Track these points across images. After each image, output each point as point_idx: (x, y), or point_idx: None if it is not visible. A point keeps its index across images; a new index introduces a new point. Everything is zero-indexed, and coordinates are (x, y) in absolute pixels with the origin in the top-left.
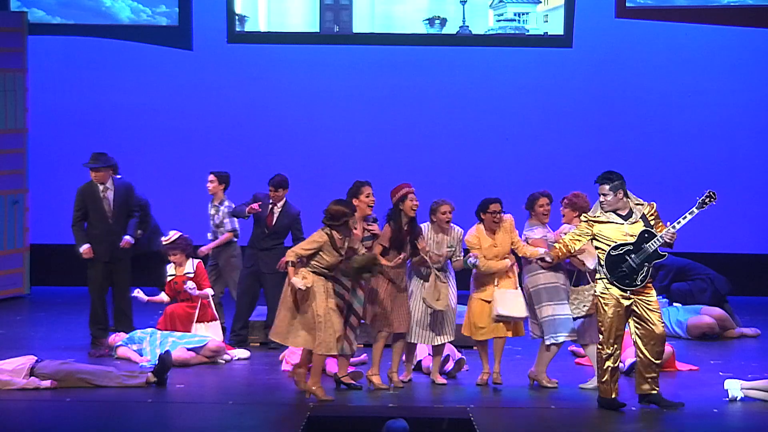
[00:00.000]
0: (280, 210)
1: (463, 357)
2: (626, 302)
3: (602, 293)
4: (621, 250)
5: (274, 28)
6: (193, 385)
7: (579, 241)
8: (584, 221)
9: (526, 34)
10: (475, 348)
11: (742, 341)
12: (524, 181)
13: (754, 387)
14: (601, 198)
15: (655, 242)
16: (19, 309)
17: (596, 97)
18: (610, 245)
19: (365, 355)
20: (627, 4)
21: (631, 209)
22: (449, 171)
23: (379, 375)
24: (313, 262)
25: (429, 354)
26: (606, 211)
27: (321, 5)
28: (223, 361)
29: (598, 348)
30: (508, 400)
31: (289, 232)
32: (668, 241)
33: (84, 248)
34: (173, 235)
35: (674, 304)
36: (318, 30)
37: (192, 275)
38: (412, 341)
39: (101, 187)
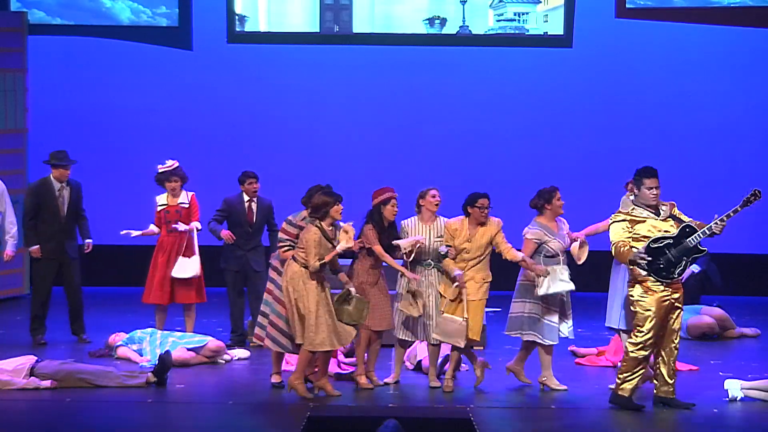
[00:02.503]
0: (256, 205)
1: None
2: (665, 299)
3: (641, 297)
4: (661, 243)
5: (274, 28)
6: (193, 385)
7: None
8: (621, 219)
9: (526, 34)
10: (475, 348)
11: (742, 341)
12: (524, 181)
13: (754, 387)
14: (655, 190)
15: (697, 237)
16: (19, 309)
17: (596, 97)
18: (644, 240)
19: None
20: (627, 4)
21: (659, 207)
22: (449, 171)
23: (364, 375)
24: (301, 257)
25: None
26: (650, 205)
27: (321, 5)
28: (223, 361)
29: (628, 342)
30: (508, 400)
31: (264, 227)
32: (717, 232)
33: (34, 249)
34: (173, 163)
35: None
36: (318, 30)
37: (186, 206)
38: (401, 338)
39: (58, 186)
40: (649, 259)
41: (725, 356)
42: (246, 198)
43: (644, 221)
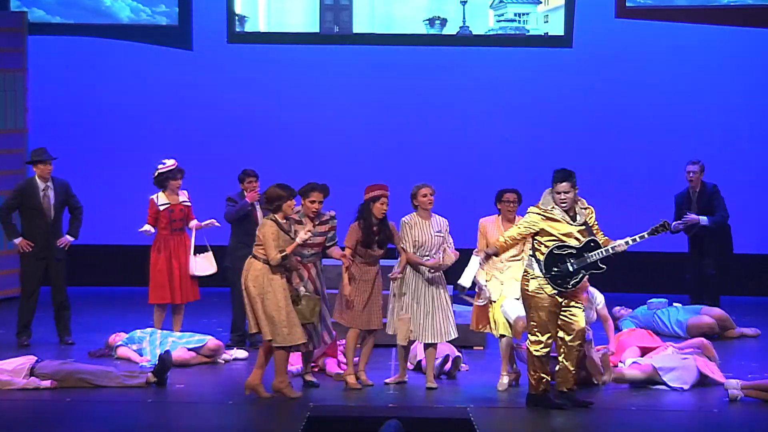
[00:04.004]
0: (259, 204)
1: (460, 355)
2: (559, 299)
3: (536, 292)
4: (563, 251)
5: (274, 28)
6: (193, 385)
7: (523, 234)
8: (536, 213)
9: (527, 34)
10: (475, 348)
11: (742, 341)
12: (524, 181)
13: (754, 387)
14: (563, 195)
15: (599, 253)
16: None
17: (596, 97)
18: (551, 244)
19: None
20: (627, 4)
21: (576, 212)
22: (449, 171)
23: (353, 374)
24: (261, 253)
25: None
26: (564, 209)
27: (321, 5)
28: (223, 361)
29: (528, 342)
30: (508, 400)
31: None
32: (619, 252)
33: (20, 241)
34: (172, 162)
35: (674, 304)
36: (318, 30)
37: (189, 204)
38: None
39: (43, 185)
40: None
41: (725, 356)
42: (252, 201)
43: (560, 221)
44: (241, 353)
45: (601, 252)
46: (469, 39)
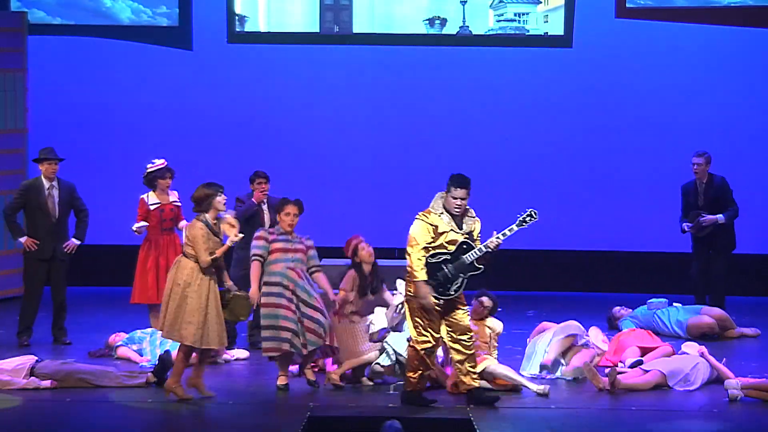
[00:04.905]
0: (267, 205)
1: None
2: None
3: (410, 298)
4: (438, 258)
5: (274, 28)
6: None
7: (427, 242)
8: (424, 221)
9: (527, 34)
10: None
11: (742, 341)
12: (524, 181)
13: (754, 387)
14: (459, 201)
15: (473, 254)
16: (19, 309)
17: (596, 97)
18: (433, 251)
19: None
20: (627, 4)
21: (464, 220)
22: (449, 171)
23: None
24: (190, 252)
25: None
26: (454, 216)
27: (321, 5)
28: (223, 361)
29: (413, 341)
30: (508, 400)
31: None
32: (492, 248)
33: (25, 240)
34: (162, 162)
35: (674, 304)
36: (318, 30)
37: (179, 204)
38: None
39: (47, 185)
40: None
41: (725, 356)
42: (258, 201)
43: (447, 232)
44: (242, 353)
45: (475, 252)
46: (469, 39)
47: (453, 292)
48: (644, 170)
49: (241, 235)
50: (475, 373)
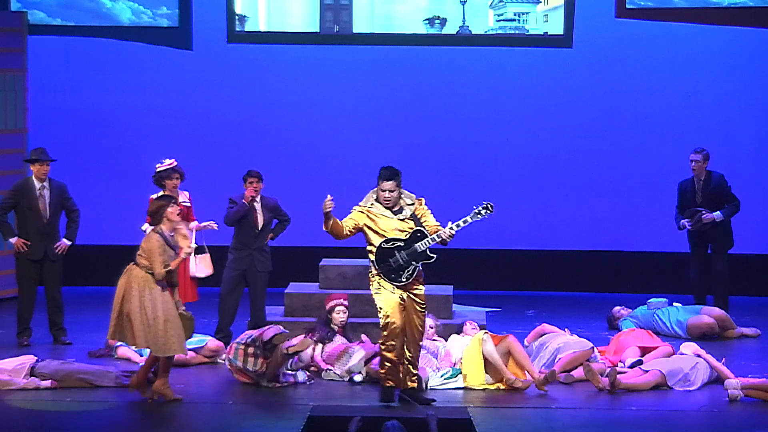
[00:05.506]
0: (260, 205)
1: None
2: (399, 295)
3: (375, 293)
4: (392, 244)
5: (274, 28)
6: (193, 385)
7: (350, 228)
8: (359, 210)
9: (526, 34)
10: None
11: (742, 341)
12: (524, 181)
13: (754, 387)
14: (387, 193)
15: (426, 242)
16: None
17: (596, 97)
18: (378, 240)
19: None
20: (627, 4)
21: (401, 206)
22: (449, 171)
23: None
24: (144, 263)
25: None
26: (387, 207)
27: (321, 5)
28: (223, 361)
29: (379, 341)
30: (508, 400)
31: (272, 223)
32: (445, 239)
33: (15, 240)
34: (171, 161)
35: (674, 304)
36: (318, 30)
37: (188, 204)
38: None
39: (39, 185)
40: None
41: (725, 356)
42: (250, 199)
43: (380, 218)
44: None
45: (428, 240)
46: (469, 38)
47: (404, 279)
48: (644, 170)
49: (194, 246)
50: (414, 374)
